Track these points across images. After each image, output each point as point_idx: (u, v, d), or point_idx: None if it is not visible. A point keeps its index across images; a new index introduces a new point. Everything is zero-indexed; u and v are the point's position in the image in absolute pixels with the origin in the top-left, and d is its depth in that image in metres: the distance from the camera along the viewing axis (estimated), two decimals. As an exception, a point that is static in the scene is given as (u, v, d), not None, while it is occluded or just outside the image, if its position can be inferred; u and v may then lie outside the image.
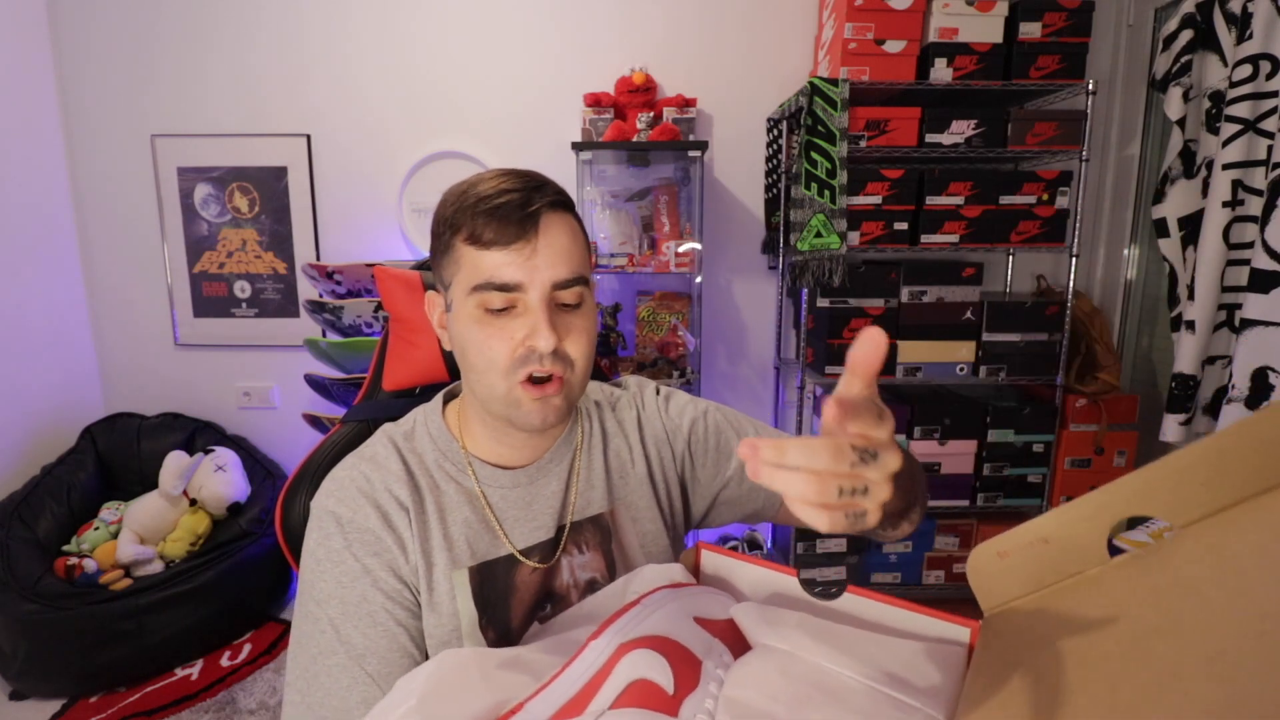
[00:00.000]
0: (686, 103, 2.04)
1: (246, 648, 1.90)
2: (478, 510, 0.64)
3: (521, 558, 0.64)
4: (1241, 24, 1.49)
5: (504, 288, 0.58)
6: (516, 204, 0.58)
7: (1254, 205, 1.49)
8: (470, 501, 0.64)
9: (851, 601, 0.49)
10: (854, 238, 1.88)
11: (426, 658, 0.61)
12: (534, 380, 0.60)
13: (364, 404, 0.87)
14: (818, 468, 0.34)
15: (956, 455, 1.98)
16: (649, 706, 0.38)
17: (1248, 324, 1.41)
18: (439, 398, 0.71)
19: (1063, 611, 0.39)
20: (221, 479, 2.01)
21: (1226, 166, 1.52)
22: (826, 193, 1.79)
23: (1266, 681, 0.24)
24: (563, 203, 0.62)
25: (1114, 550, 0.41)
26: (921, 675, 0.40)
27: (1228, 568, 0.32)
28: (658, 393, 0.78)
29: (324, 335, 2.02)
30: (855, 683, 0.39)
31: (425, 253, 2.18)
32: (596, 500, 0.69)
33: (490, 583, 0.62)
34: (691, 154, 2.00)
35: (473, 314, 0.60)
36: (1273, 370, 1.37)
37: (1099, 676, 0.32)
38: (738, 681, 0.39)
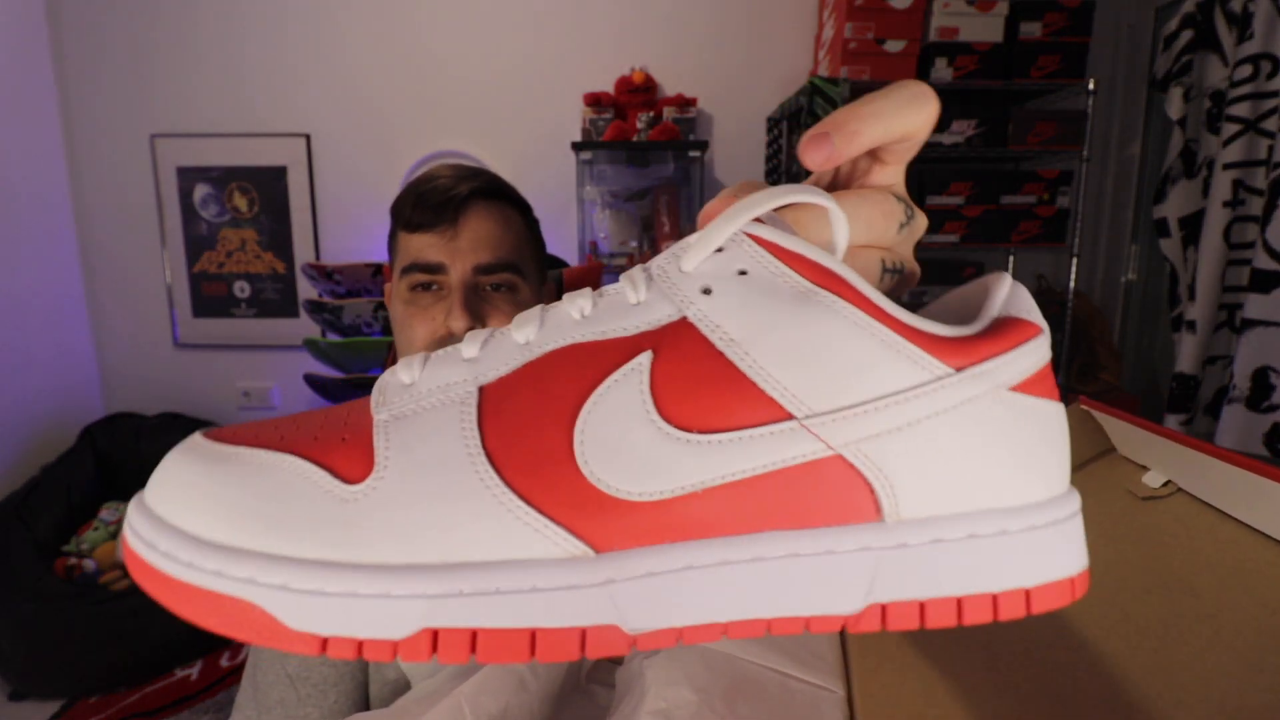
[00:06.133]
0: (686, 102, 2.04)
1: (246, 648, 1.90)
2: None
3: None
4: (1242, 24, 1.49)
5: (427, 268, 0.59)
6: (442, 189, 0.60)
7: (1255, 205, 1.49)
8: None
9: None
10: (854, 238, 1.88)
11: (364, 666, 0.59)
12: None
13: None
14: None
15: (957, 455, 1.98)
16: None
17: (1248, 324, 1.41)
18: None
19: None
20: (221, 479, 2.01)
21: (1227, 166, 1.52)
22: (827, 193, 1.79)
23: (1133, 642, 0.30)
24: (494, 192, 0.63)
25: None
26: (808, 645, 0.42)
27: None
28: None
29: (324, 335, 2.02)
30: (766, 673, 0.39)
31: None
32: None
33: None
34: (691, 154, 2.00)
35: (403, 295, 0.61)
36: (1273, 370, 1.37)
37: (975, 635, 0.36)
38: (664, 679, 0.38)
